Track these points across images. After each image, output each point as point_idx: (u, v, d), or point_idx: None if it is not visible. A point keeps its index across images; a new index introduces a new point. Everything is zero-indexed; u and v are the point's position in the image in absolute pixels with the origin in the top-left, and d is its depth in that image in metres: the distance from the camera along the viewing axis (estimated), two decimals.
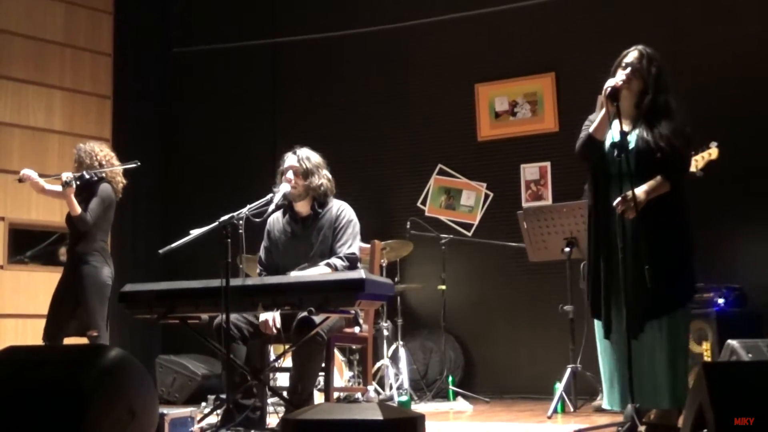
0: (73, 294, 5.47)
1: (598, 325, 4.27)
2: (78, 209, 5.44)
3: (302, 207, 4.74)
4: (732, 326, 5.61)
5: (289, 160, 4.74)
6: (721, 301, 5.86)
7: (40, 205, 7.17)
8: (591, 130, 4.17)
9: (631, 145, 4.07)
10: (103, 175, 5.60)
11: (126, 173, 5.82)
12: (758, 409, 2.51)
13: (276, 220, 4.82)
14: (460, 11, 7.64)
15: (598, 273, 4.17)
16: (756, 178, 6.51)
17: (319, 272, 4.41)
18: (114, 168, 5.66)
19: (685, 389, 4.01)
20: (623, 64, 4.16)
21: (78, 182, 5.46)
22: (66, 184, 5.38)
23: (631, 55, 4.17)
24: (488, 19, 7.60)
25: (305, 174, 4.67)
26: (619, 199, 3.98)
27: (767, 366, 3.36)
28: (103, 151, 5.69)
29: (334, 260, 4.50)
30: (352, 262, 4.56)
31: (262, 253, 4.85)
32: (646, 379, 4.04)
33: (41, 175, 5.73)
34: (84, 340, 5.51)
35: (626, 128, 4.08)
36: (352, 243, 4.62)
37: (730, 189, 6.46)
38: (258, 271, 4.85)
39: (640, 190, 3.99)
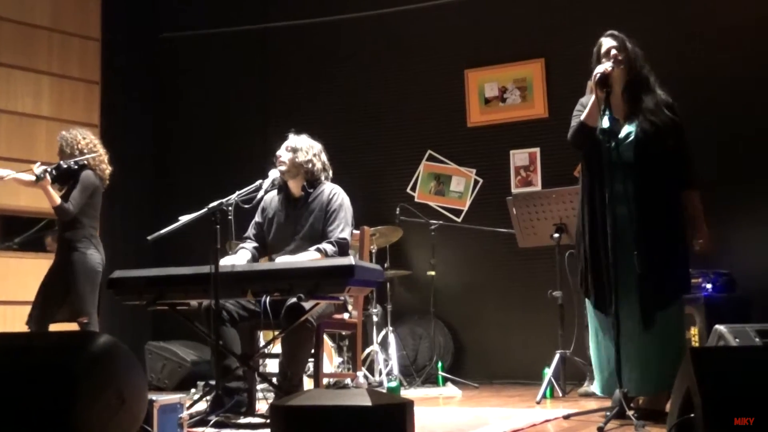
0: (62, 281, 5.45)
1: (590, 312, 4.31)
2: (57, 200, 5.40)
3: (295, 187, 4.75)
4: (720, 311, 5.63)
5: (285, 141, 4.78)
6: (709, 286, 5.89)
7: (29, 192, 7.08)
8: (582, 117, 4.20)
9: (630, 137, 4.12)
10: (85, 162, 5.55)
11: (113, 159, 5.79)
12: (745, 393, 2.52)
13: (272, 198, 4.83)
14: None
15: (592, 261, 4.21)
16: (745, 164, 6.53)
17: (309, 257, 4.41)
18: (91, 156, 5.61)
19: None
20: (603, 52, 4.23)
21: (55, 172, 5.43)
22: (38, 178, 5.34)
23: (607, 42, 4.27)
24: (478, 5, 7.60)
25: (293, 150, 4.70)
26: (702, 244, 4.22)
27: (754, 351, 3.40)
28: (86, 139, 5.64)
29: (324, 245, 4.50)
30: (342, 247, 4.56)
31: (251, 226, 4.86)
32: (636, 366, 4.07)
33: (28, 162, 5.69)
34: (72, 326, 5.50)
35: (620, 119, 4.14)
36: (344, 227, 4.61)
37: (719, 175, 6.48)
38: (244, 236, 4.85)
39: (703, 229, 4.25)
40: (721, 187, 6.49)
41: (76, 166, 5.50)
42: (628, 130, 4.16)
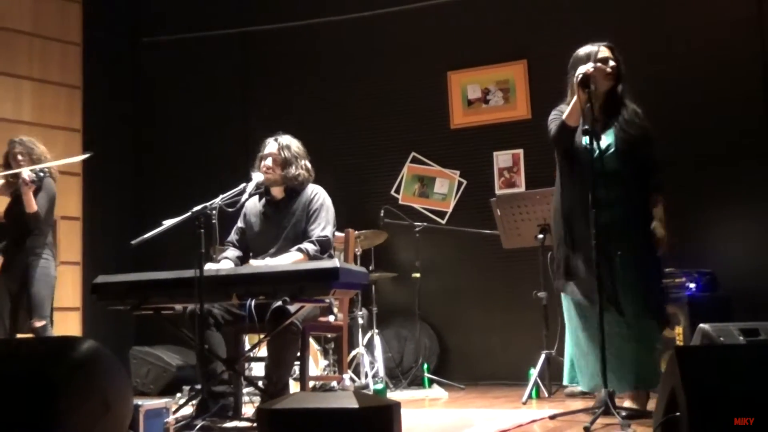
0: (21, 288, 5.49)
1: (569, 311, 4.37)
2: (35, 206, 5.47)
3: (277, 192, 4.75)
4: (703, 310, 5.66)
5: (269, 147, 4.73)
6: (692, 285, 5.91)
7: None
8: (564, 116, 4.26)
9: (611, 149, 4.18)
10: (48, 171, 5.61)
11: (90, 162, 5.83)
12: (730, 392, 2.53)
13: (253, 203, 4.82)
14: None
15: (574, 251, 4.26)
16: (726, 163, 6.56)
17: (291, 258, 4.40)
18: (65, 161, 5.70)
19: (653, 371, 4.22)
20: (599, 58, 4.28)
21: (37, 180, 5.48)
22: (32, 183, 5.39)
23: (604, 51, 4.33)
24: (460, 7, 7.60)
25: (283, 163, 4.67)
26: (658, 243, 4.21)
27: (738, 349, 3.42)
28: (39, 147, 5.79)
29: (305, 245, 4.49)
30: (324, 245, 4.55)
31: (234, 231, 4.84)
32: (614, 364, 4.13)
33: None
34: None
35: (596, 128, 4.20)
36: (325, 226, 4.60)
37: (701, 175, 6.52)
38: (226, 241, 4.83)
39: (659, 229, 4.21)
40: (702, 187, 6.53)
41: (45, 175, 5.56)
42: (606, 141, 4.23)
